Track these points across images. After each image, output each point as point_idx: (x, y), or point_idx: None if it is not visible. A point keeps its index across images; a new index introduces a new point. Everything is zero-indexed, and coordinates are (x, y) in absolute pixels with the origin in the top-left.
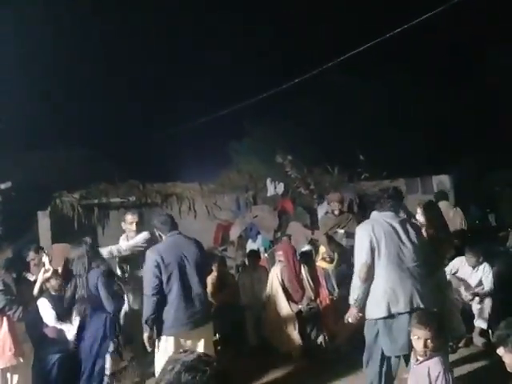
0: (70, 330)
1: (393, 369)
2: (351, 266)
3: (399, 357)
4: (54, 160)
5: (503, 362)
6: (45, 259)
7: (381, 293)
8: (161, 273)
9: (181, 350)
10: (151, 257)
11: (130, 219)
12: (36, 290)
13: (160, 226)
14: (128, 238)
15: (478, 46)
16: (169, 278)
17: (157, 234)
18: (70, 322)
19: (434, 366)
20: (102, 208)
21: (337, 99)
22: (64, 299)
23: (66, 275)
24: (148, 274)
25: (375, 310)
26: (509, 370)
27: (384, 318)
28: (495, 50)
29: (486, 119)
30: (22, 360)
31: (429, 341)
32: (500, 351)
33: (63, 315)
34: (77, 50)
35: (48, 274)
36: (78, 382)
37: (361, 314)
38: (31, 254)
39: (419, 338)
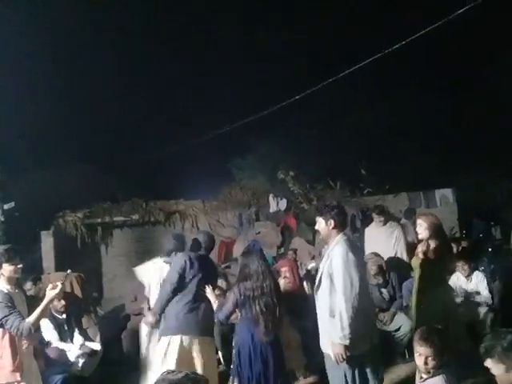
0: (71, 350)
1: None
2: None
3: None
4: (56, 179)
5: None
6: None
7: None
8: (185, 273)
9: (169, 370)
10: (182, 257)
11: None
12: (41, 308)
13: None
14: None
15: (477, 60)
16: (187, 281)
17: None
18: (72, 342)
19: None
20: (105, 227)
21: (339, 114)
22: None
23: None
24: (173, 270)
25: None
26: (499, 383)
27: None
28: (493, 64)
29: (486, 132)
30: (19, 377)
31: (430, 358)
32: (488, 363)
33: (65, 336)
34: (79, 63)
35: (56, 291)
36: None
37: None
38: (28, 285)
39: (420, 354)
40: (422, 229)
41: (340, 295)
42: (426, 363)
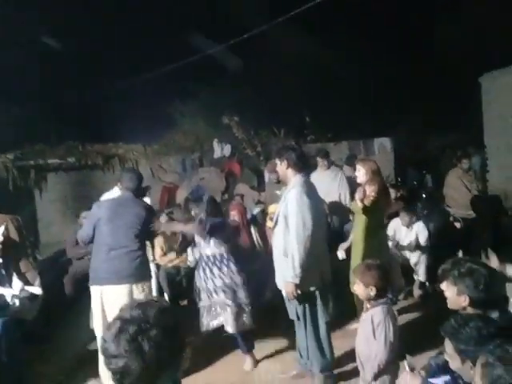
0: (10, 294)
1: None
2: None
3: None
4: None
5: (440, 312)
6: None
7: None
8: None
9: (122, 306)
10: (94, 208)
11: None
12: None
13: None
14: None
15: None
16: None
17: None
18: (10, 286)
19: (377, 313)
20: (38, 170)
21: (283, 59)
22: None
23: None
24: (87, 222)
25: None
26: (449, 306)
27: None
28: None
29: (426, 82)
30: None
31: (370, 287)
32: (443, 286)
33: (2, 280)
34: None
35: None
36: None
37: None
38: None
39: (358, 284)
40: (361, 173)
41: (293, 236)
42: (368, 294)
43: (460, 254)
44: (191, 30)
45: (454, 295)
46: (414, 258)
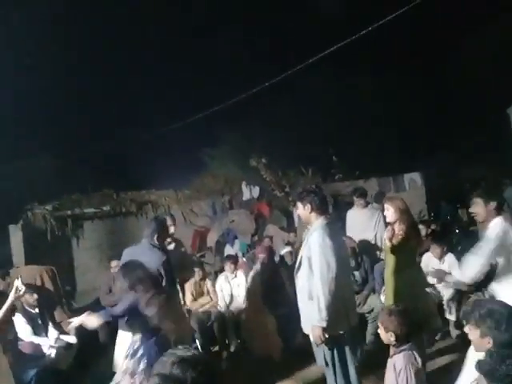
0: (47, 344)
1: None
2: None
3: None
4: (23, 171)
5: None
6: (17, 282)
7: None
8: None
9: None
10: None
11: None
12: (5, 308)
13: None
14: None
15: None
16: None
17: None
18: (46, 336)
19: (399, 360)
20: (75, 219)
21: (308, 101)
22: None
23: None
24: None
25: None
26: (474, 349)
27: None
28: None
29: (454, 118)
30: None
31: (390, 333)
32: (466, 329)
33: (39, 330)
34: (37, 55)
35: (20, 294)
36: None
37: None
38: None
39: (381, 328)
40: (390, 213)
41: (317, 279)
42: (389, 339)
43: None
44: (217, 77)
45: (478, 338)
46: (447, 295)
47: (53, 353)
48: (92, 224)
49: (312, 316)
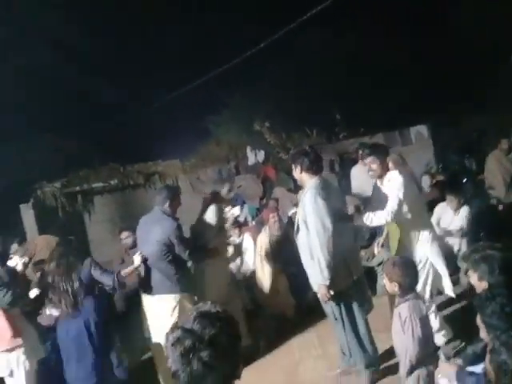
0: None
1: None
2: None
3: None
4: (29, 151)
5: None
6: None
7: None
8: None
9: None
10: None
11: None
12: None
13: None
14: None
15: None
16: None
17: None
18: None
19: (403, 309)
20: (84, 194)
21: (308, 58)
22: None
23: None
24: None
25: None
26: (477, 291)
27: None
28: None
29: (459, 68)
30: (20, 341)
31: (394, 283)
32: (468, 273)
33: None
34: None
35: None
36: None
37: None
38: (14, 246)
39: (385, 279)
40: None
41: (314, 240)
42: (393, 289)
43: None
44: (217, 40)
45: (476, 281)
46: (457, 244)
47: None
48: (102, 198)
49: (315, 275)
